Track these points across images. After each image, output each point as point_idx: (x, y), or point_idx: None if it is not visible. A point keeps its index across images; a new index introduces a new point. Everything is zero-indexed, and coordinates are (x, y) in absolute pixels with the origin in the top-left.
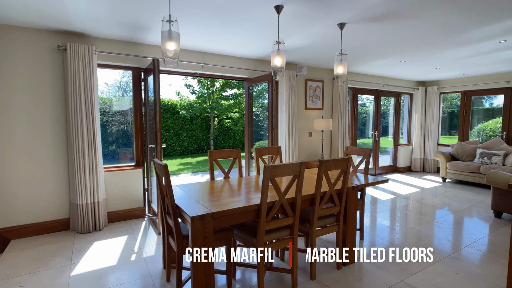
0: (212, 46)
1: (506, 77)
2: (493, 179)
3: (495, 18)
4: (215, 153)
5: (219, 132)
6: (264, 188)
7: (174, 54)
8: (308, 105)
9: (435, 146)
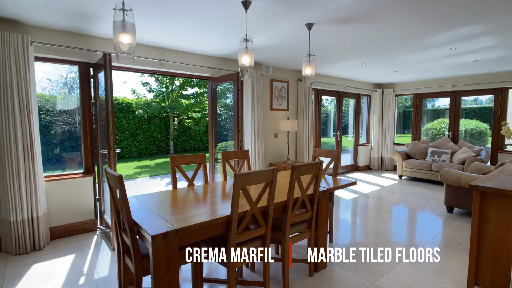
0: (172, 42)
1: (451, 82)
2: (446, 176)
3: (448, 26)
4: (178, 159)
5: (179, 132)
6: (235, 198)
7: (129, 49)
8: (273, 105)
9: (392, 145)
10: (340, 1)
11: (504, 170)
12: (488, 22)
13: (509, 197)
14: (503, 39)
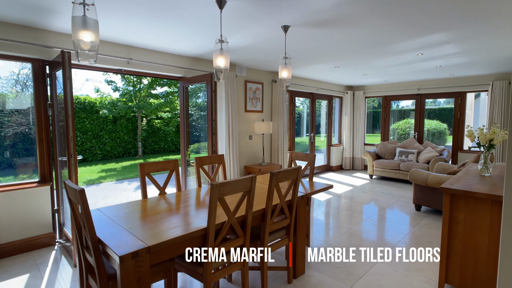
0: (141, 40)
1: (417, 85)
2: (414, 176)
3: (417, 34)
4: (148, 166)
5: (148, 133)
6: (212, 210)
7: (92, 47)
8: (248, 107)
9: (362, 145)
10: (317, 5)
11: (468, 171)
12: (452, 31)
13: (476, 199)
14: (464, 47)
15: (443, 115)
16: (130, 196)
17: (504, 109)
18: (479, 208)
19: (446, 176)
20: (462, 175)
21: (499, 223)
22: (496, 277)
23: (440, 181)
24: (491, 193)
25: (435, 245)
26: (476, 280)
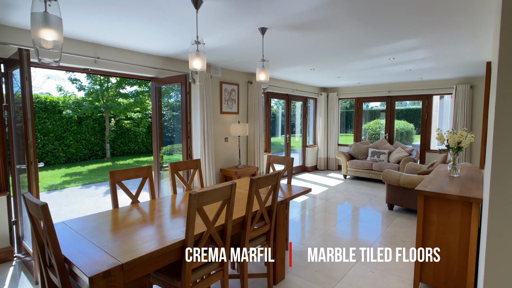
0: (110, 38)
1: (387, 88)
2: (387, 177)
3: (391, 39)
4: (119, 174)
5: (116, 134)
6: (191, 220)
7: (55, 46)
8: (223, 109)
9: (336, 146)
10: (296, 8)
11: (438, 172)
12: (422, 38)
13: (448, 200)
14: (432, 53)
15: (410, 116)
16: (98, 201)
17: (466, 111)
18: (451, 209)
19: (416, 176)
20: (433, 177)
21: (469, 223)
22: (466, 273)
23: (411, 181)
24: (462, 195)
25: (409, 244)
26: (448, 277)
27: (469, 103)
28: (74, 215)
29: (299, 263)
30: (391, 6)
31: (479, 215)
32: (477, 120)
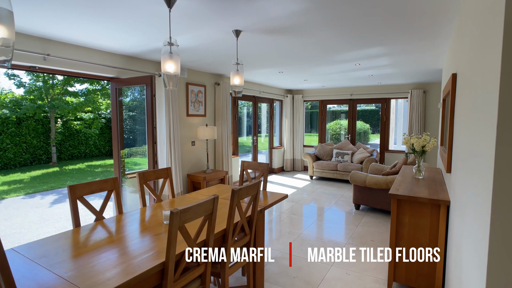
0: (63, 33)
1: (350, 91)
2: (354, 178)
3: (359, 46)
4: (80, 188)
5: (64, 136)
6: (172, 241)
7: (4, 44)
8: (190, 111)
9: (302, 147)
10: (274, 13)
11: (405, 174)
12: (387, 46)
13: (419, 203)
14: (394, 60)
15: (365, 116)
16: (45, 213)
17: (420, 114)
18: (421, 211)
19: (381, 177)
20: (401, 179)
21: (437, 224)
22: (435, 271)
23: (376, 182)
24: (431, 197)
25: (378, 244)
26: (419, 276)
27: (422, 106)
28: (16, 230)
29: (276, 270)
30: (364, 17)
31: (446, 216)
32: (430, 123)
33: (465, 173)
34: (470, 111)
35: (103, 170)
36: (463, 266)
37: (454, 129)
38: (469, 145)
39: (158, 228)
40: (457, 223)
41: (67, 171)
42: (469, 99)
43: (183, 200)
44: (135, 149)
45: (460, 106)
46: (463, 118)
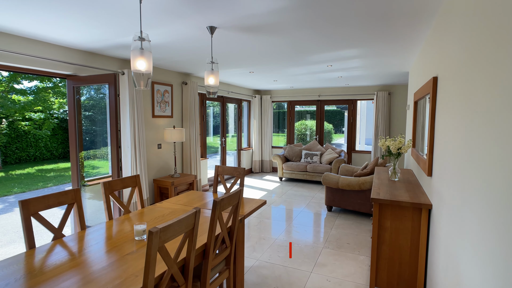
0: (12, 23)
1: (318, 92)
2: (327, 180)
3: (333, 47)
4: (35, 203)
5: (10, 138)
6: (151, 264)
7: None
8: (156, 112)
9: (270, 148)
10: (253, 9)
11: (380, 177)
12: (361, 49)
13: (400, 207)
14: (365, 62)
15: (329, 117)
16: None
17: (385, 115)
18: (403, 215)
19: (353, 178)
20: (379, 182)
21: (419, 227)
22: (416, 274)
23: (349, 184)
24: (413, 201)
25: (353, 246)
26: (401, 279)
27: (388, 108)
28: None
29: (256, 281)
30: (344, 17)
31: (427, 220)
32: (395, 124)
33: (461, 176)
34: (467, 113)
35: (56, 174)
36: (460, 268)
37: (436, 132)
38: (466, 149)
39: (129, 245)
40: (446, 226)
41: (14, 177)
42: (463, 101)
43: (153, 210)
44: (93, 151)
45: (445, 109)
46: (452, 121)
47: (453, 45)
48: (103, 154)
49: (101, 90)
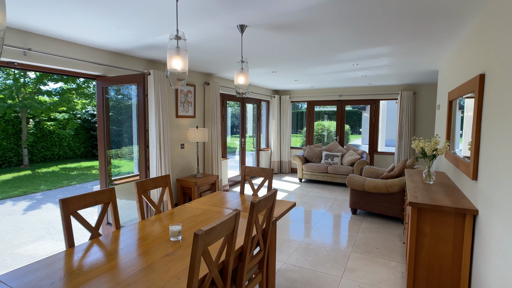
0: (46, 25)
1: (338, 92)
2: (352, 182)
3: (364, 45)
4: (73, 202)
5: (36, 138)
6: (196, 267)
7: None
8: (179, 112)
9: (289, 149)
10: (285, 7)
11: (413, 179)
12: (393, 46)
13: (441, 212)
14: (391, 61)
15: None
16: (19, 221)
17: (410, 115)
18: (444, 221)
19: (381, 181)
20: (413, 185)
21: (462, 234)
22: (459, 285)
23: (376, 186)
24: (456, 206)
25: (383, 251)
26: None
27: (412, 108)
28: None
29: (285, 284)
30: (377, 15)
31: (472, 227)
32: (420, 125)
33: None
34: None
35: (79, 173)
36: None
37: (482, 133)
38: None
39: (165, 247)
40: (501, 234)
41: (40, 175)
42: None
43: (183, 211)
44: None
45: (496, 108)
46: (506, 121)
47: (508, 40)
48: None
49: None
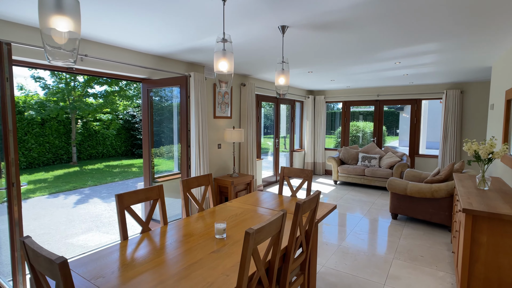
0: (101, 32)
1: (376, 91)
2: (393, 186)
3: (409, 42)
4: (127, 198)
5: (83, 137)
6: (246, 265)
7: (69, 42)
8: (217, 113)
9: (323, 150)
10: (327, 6)
11: (465, 184)
12: (441, 42)
13: (502, 221)
14: (439, 58)
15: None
16: (70, 213)
17: (456, 116)
18: (504, 230)
19: (425, 185)
20: (465, 191)
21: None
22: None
23: (419, 191)
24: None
25: (428, 260)
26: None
27: (459, 108)
28: (45, 231)
29: None
30: (426, 10)
31: None
32: (468, 126)
33: None
34: None
35: (120, 170)
36: None
37: None
38: None
39: (211, 243)
40: None
41: (87, 171)
42: None
43: (224, 209)
44: (153, 150)
45: None
46: None
47: None
48: (162, 153)
49: (159, 93)
